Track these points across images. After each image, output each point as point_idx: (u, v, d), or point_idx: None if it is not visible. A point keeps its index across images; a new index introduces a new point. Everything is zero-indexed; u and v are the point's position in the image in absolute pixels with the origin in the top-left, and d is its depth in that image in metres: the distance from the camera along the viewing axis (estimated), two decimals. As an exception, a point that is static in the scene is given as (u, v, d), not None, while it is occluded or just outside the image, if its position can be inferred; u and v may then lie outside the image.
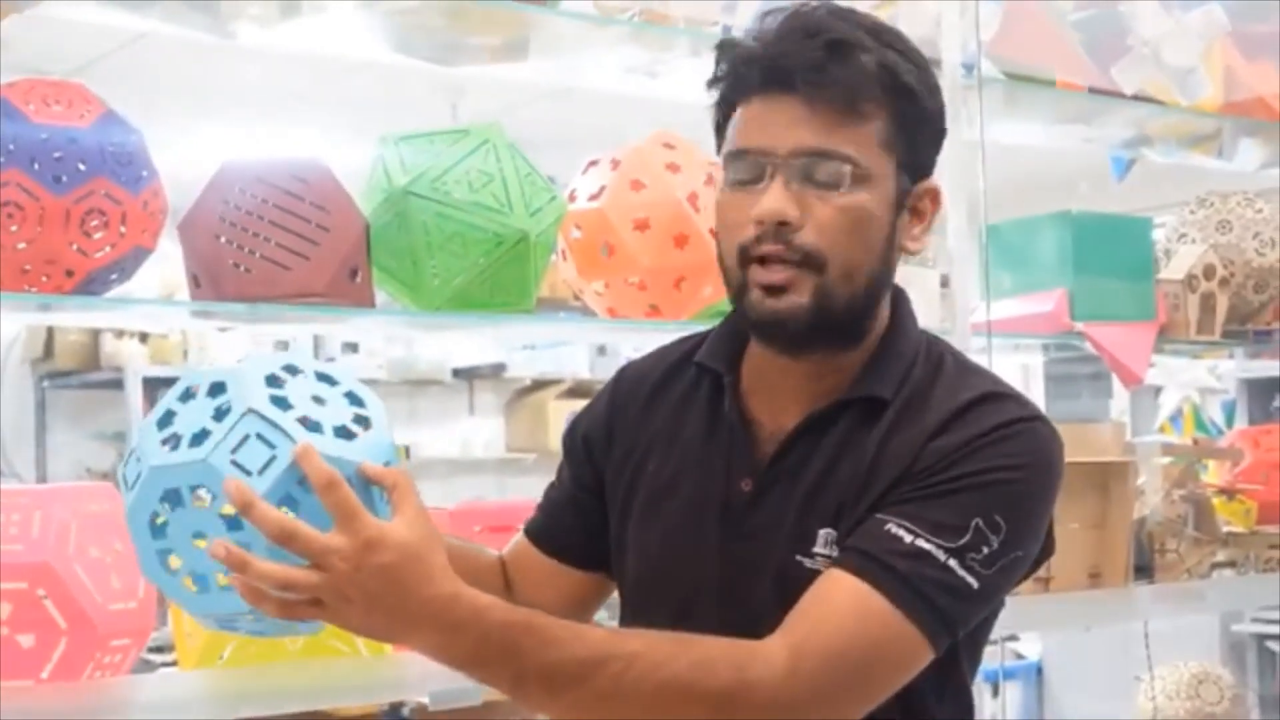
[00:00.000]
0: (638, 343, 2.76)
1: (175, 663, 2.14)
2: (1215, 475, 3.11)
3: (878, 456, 1.35)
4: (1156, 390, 5.65)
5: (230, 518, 1.17)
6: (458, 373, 6.99)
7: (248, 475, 1.16)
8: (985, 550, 1.29)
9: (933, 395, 1.37)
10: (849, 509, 1.34)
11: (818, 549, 1.35)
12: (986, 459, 1.31)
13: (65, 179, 1.85)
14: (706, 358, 1.47)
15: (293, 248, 1.97)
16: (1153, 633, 2.99)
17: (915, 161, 1.38)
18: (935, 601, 1.28)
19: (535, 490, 1.64)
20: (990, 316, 2.61)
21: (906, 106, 1.35)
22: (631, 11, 2.33)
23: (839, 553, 1.32)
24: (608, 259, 2.32)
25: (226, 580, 1.17)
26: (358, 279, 2.05)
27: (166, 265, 2.75)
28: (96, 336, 5.96)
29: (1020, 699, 5.46)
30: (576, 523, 1.55)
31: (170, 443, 1.19)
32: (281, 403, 1.20)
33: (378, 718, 2.90)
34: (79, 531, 1.85)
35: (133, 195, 1.91)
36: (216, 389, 1.21)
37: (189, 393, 1.22)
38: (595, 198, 2.32)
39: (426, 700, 2.09)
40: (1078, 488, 2.56)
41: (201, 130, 4.51)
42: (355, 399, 1.25)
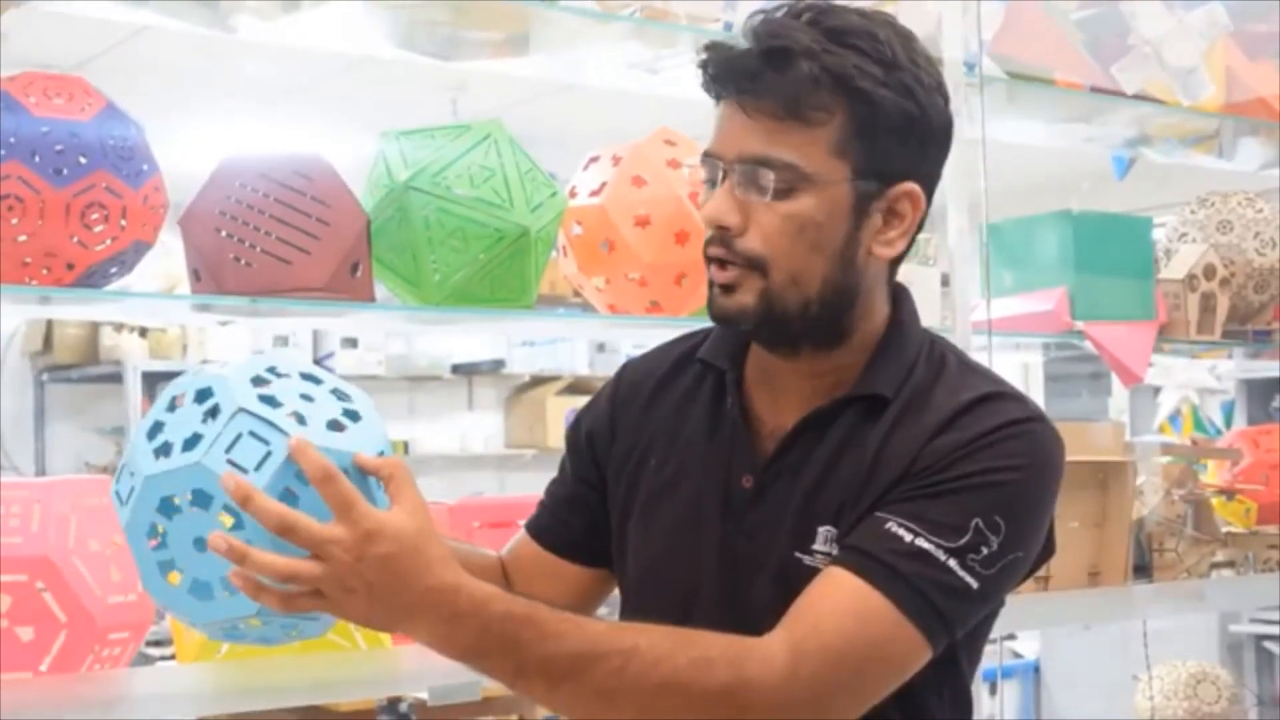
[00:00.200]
0: (638, 339, 2.76)
1: (174, 656, 2.14)
2: (1214, 476, 3.11)
3: (879, 455, 1.35)
4: (1155, 390, 5.65)
5: (231, 518, 1.17)
6: (457, 369, 6.99)
7: (244, 473, 1.16)
8: (985, 550, 1.29)
9: (934, 394, 1.37)
10: (850, 507, 1.34)
11: (818, 547, 1.35)
12: (987, 459, 1.31)
13: (66, 172, 1.85)
14: (710, 354, 1.47)
15: (294, 242, 1.97)
16: (1151, 632, 2.99)
17: (881, 165, 1.34)
18: (935, 601, 1.27)
19: (534, 486, 1.64)
20: (990, 315, 2.60)
21: (864, 110, 1.32)
22: (633, 8, 2.33)
23: (839, 551, 1.32)
24: (608, 255, 2.32)
25: (230, 579, 1.16)
26: (358, 274, 2.05)
27: (168, 259, 2.75)
28: (96, 330, 5.96)
29: (1018, 698, 5.47)
30: (579, 519, 1.54)
31: (162, 451, 1.19)
32: (270, 401, 1.20)
33: (375, 713, 2.90)
34: (78, 525, 1.85)
35: (133, 189, 1.90)
36: (203, 395, 1.21)
37: (175, 402, 1.22)
38: (596, 194, 2.32)
39: (425, 696, 2.09)
40: (1077, 487, 2.56)
41: (202, 124, 4.51)
42: (341, 394, 1.25)
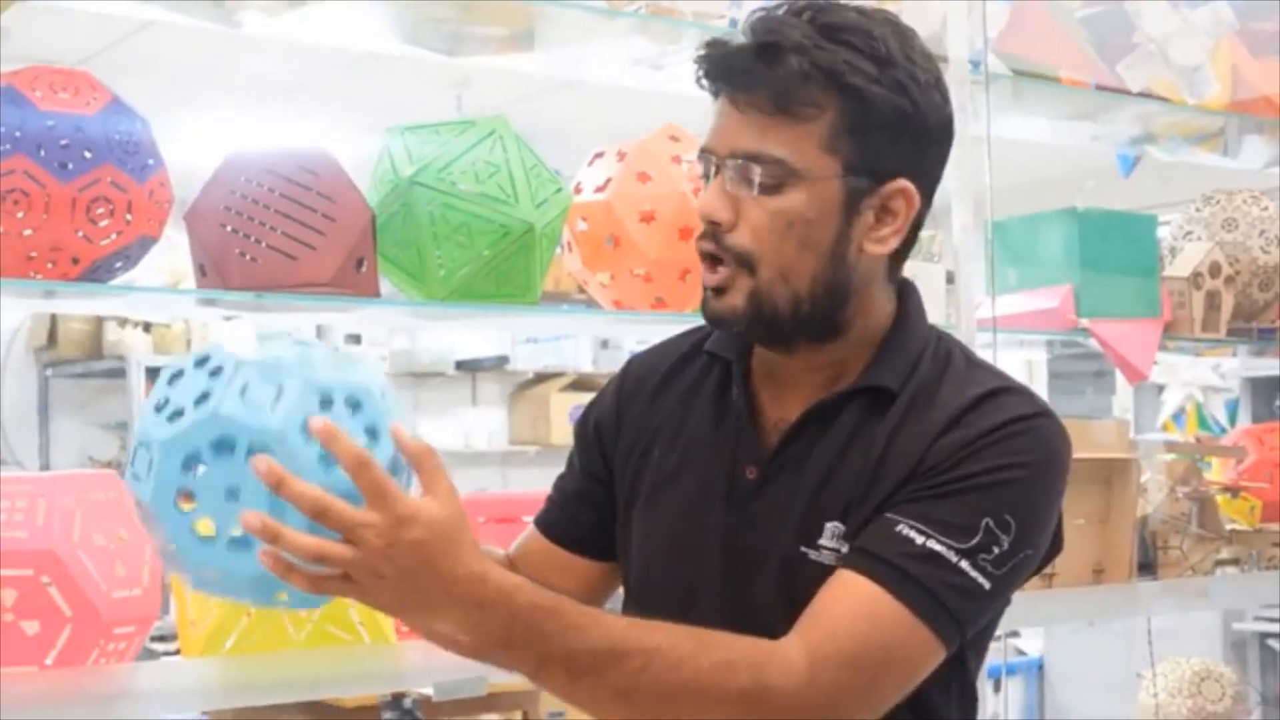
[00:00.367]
0: (642, 336, 2.76)
1: (178, 651, 2.14)
2: (1219, 473, 3.11)
3: (886, 450, 1.35)
4: (1160, 388, 5.65)
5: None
6: (461, 365, 6.99)
7: (261, 412, 1.15)
8: (996, 550, 1.29)
9: (941, 390, 1.37)
10: (857, 504, 1.34)
11: (824, 541, 1.35)
12: (995, 457, 1.31)
13: (71, 166, 1.85)
14: (716, 346, 1.47)
15: (299, 237, 1.98)
16: (1155, 630, 2.99)
17: (873, 162, 1.34)
18: (948, 603, 1.28)
19: (538, 482, 1.64)
20: (995, 312, 2.61)
21: (855, 106, 1.32)
22: (638, 4, 2.33)
23: (850, 554, 1.32)
24: (613, 251, 2.32)
25: (260, 559, 1.14)
26: (363, 269, 2.05)
27: (173, 254, 2.75)
28: (100, 325, 5.96)
29: (1022, 695, 5.47)
30: (587, 513, 1.54)
31: (175, 416, 1.19)
32: (270, 351, 1.21)
33: (380, 708, 2.90)
34: (83, 519, 1.85)
35: (138, 183, 1.90)
36: (202, 361, 1.21)
37: (177, 374, 1.22)
38: (601, 190, 2.32)
39: (430, 691, 2.09)
40: (1082, 484, 2.56)
41: (207, 120, 4.51)
42: (335, 350, 1.25)
